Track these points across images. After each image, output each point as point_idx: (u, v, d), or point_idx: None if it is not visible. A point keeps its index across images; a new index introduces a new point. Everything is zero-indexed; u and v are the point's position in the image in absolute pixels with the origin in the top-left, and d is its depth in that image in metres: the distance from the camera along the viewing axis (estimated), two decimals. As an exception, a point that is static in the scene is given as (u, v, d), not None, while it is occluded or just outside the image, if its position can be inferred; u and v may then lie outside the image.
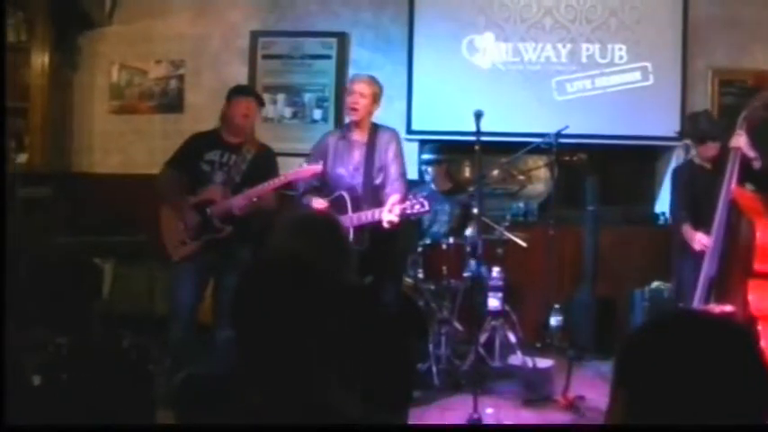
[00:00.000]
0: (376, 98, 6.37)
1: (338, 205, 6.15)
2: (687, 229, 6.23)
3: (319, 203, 6.19)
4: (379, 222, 5.94)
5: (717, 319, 1.81)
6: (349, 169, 6.31)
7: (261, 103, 6.56)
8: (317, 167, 6.09)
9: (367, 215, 6.03)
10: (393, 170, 6.27)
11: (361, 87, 6.34)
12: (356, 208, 6.12)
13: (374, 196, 6.20)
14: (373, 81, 6.42)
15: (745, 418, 1.59)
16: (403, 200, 5.93)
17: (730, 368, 1.60)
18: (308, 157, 6.49)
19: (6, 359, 3.30)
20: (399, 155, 6.37)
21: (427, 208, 5.85)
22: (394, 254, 6.42)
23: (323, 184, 6.36)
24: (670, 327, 1.71)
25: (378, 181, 6.27)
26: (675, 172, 6.89)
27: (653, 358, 1.64)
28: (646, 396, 1.63)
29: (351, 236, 6.00)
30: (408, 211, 5.82)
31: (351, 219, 6.07)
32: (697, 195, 6.19)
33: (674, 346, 1.63)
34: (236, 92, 6.44)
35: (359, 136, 6.37)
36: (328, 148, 6.42)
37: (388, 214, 5.86)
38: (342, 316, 2.31)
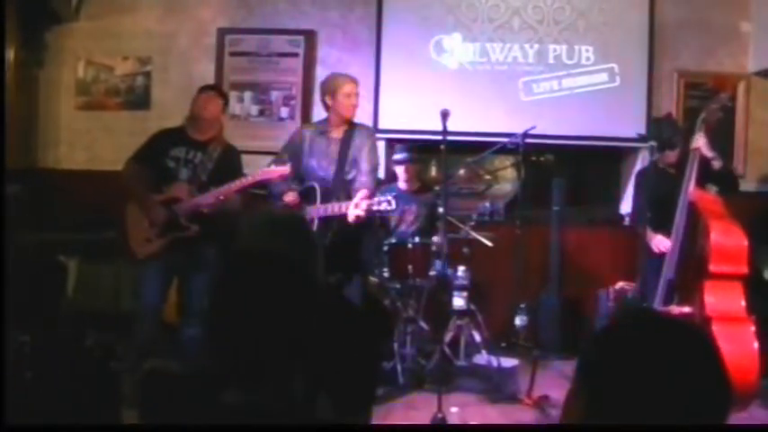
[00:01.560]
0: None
1: (308, 196, 6.20)
2: (648, 232, 6.29)
3: (290, 197, 6.20)
4: (345, 216, 5.95)
5: (676, 320, 1.83)
6: (323, 163, 6.34)
7: (225, 100, 6.54)
8: (285, 169, 6.10)
9: (334, 207, 6.04)
10: (364, 165, 6.29)
11: (358, 88, 6.46)
12: (325, 200, 6.15)
13: (344, 190, 6.23)
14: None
15: (704, 417, 1.61)
16: (371, 196, 5.96)
17: (689, 369, 1.62)
18: (279, 154, 6.52)
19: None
20: (373, 151, 6.41)
21: (393, 206, 5.88)
22: (360, 252, 6.44)
23: (295, 178, 6.37)
24: (631, 327, 1.73)
25: (350, 176, 6.30)
26: (639, 175, 6.94)
27: (614, 358, 1.66)
28: (606, 394, 1.65)
29: (315, 227, 6.04)
30: (375, 208, 5.85)
31: (318, 210, 6.10)
32: (660, 198, 6.23)
33: (634, 346, 1.66)
34: (202, 88, 6.44)
35: (336, 133, 6.40)
36: (304, 142, 6.45)
37: (355, 209, 5.88)
38: (311, 314, 2.32)
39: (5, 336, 3.03)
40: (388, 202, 5.83)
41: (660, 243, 6.11)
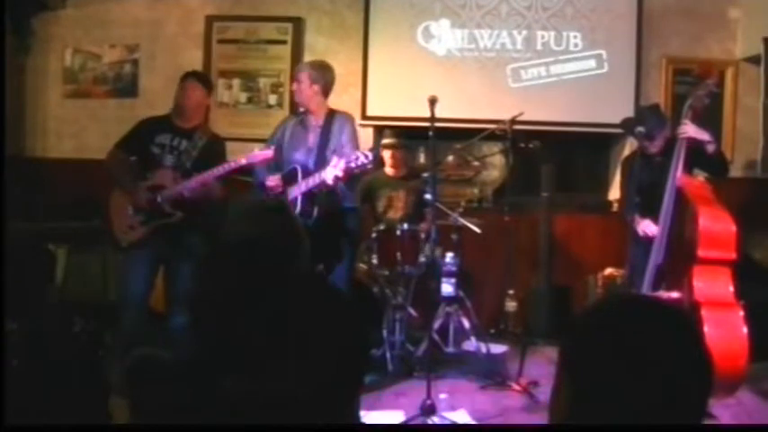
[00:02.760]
0: (315, 81, 6.41)
1: (290, 177, 6.20)
2: (635, 217, 6.29)
3: (272, 181, 6.22)
4: (327, 185, 5.96)
5: (657, 303, 1.83)
6: (304, 151, 6.33)
7: (208, 87, 6.53)
8: (269, 153, 6.13)
9: (314, 178, 6.03)
10: (347, 151, 6.27)
11: (299, 75, 6.46)
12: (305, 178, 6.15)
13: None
14: (312, 67, 6.53)
15: (686, 401, 1.61)
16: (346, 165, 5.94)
17: (670, 352, 1.62)
18: (266, 143, 6.53)
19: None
20: (353, 137, 6.40)
21: (370, 158, 5.84)
22: (344, 238, 6.43)
23: (279, 168, 6.37)
24: (611, 312, 1.73)
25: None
26: (625, 161, 6.94)
27: (595, 343, 1.66)
28: (589, 380, 1.65)
29: (299, 206, 6.07)
30: (352, 165, 5.82)
31: (299, 186, 6.10)
32: (646, 184, 6.23)
33: (615, 330, 1.65)
34: (181, 79, 6.43)
35: (314, 120, 6.40)
36: (285, 133, 6.48)
37: (332, 169, 5.86)
38: (296, 301, 2.32)
39: (5, 332, 3.03)
40: (365, 156, 5.81)
41: (647, 227, 6.11)
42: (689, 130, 5.93)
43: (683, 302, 5.50)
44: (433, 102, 6.00)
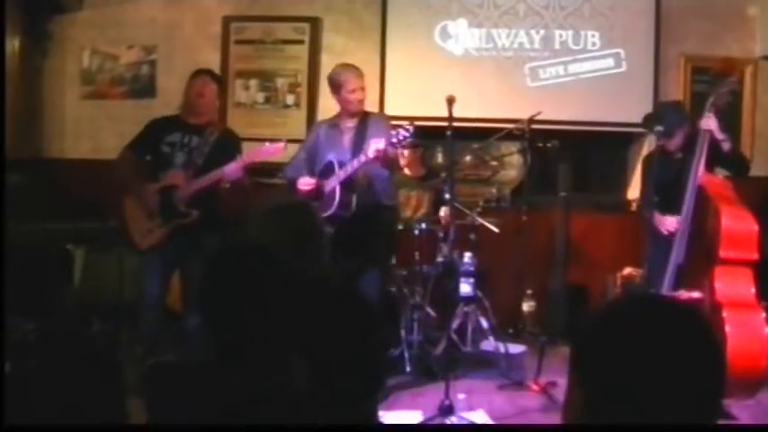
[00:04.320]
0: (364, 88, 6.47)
1: (327, 171, 6.20)
2: (656, 215, 6.25)
3: (305, 183, 6.22)
4: (367, 158, 5.96)
5: (668, 303, 1.81)
6: (340, 153, 6.31)
7: (219, 84, 6.52)
8: (280, 146, 6.14)
9: (353, 164, 6.04)
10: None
11: (363, 81, 6.43)
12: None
13: (363, 171, 6.18)
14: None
15: (699, 402, 1.60)
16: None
17: (682, 352, 1.60)
18: (296, 154, 6.66)
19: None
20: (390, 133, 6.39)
21: (411, 131, 5.87)
22: (381, 237, 6.42)
23: (312, 172, 6.39)
24: (622, 312, 1.72)
25: None
26: (645, 159, 6.90)
27: (607, 343, 1.65)
28: (601, 381, 1.64)
29: (337, 197, 6.09)
30: (393, 140, 5.84)
31: (338, 175, 6.11)
32: (666, 182, 6.20)
33: (626, 330, 1.64)
34: (190, 76, 6.42)
35: (350, 123, 6.40)
36: (319, 138, 6.49)
37: (373, 144, 5.88)
38: (304, 305, 2.31)
39: (5, 335, 3.02)
40: (406, 129, 5.83)
41: (670, 224, 6.04)
42: (711, 123, 5.89)
43: (704, 303, 5.47)
44: (450, 101, 5.99)
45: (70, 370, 3.74)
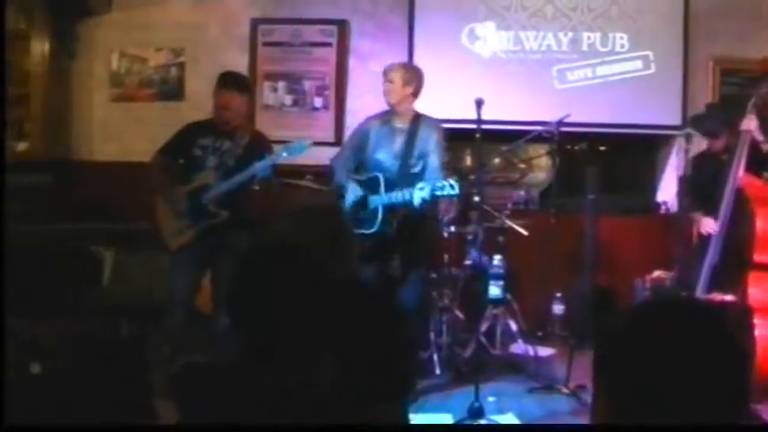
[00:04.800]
0: (407, 83, 6.41)
1: (371, 185, 6.21)
2: (695, 216, 6.21)
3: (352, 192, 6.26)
4: (410, 203, 5.98)
5: (692, 305, 1.81)
6: (389, 156, 6.34)
7: (244, 89, 6.51)
8: (305, 143, 6.17)
9: (398, 194, 6.06)
10: (433, 159, 6.31)
11: (390, 74, 6.42)
12: (389, 190, 6.16)
13: (409, 183, 6.20)
14: (404, 68, 6.54)
15: (722, 404, 1.59)
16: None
17: (706, 354, 1.60)
18: (341, 148, 6.79)
19: (6, 346, 3.30)
20: (440, 145, 6.41)
21: (456, 191, 5.87)
22: (420, 246, 6.42)
23: (360, 167, 6.41)
24: (645, 315, 1.71)
25: (416, 169, 6.30)
26: (693, 159, 6.86)
27: (630, 346, 1.64)
28: (625, 384, 1.63)
29: (380, 216, 6.13)
30: (438, 193, 5.85)
31: (381, 197, 6.11)
32: (706, 182, 6.16)
33: (649, 333, 1.64)
34: (217, 83, 6.43)
35: (400, 123, 6.40)
36: (369, 133, 6.48)
37: (419, 192, 5.89)
38: (334, 305, 2.30)
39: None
40: (451, 186, 5.84)
41: (707, 225, 6.00)
42: (752, 124, 5.84)
43: (737, 305, 5.43)
44: (479, 104, 5.98)
45: (99, 371, 3.76)
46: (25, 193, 7.69)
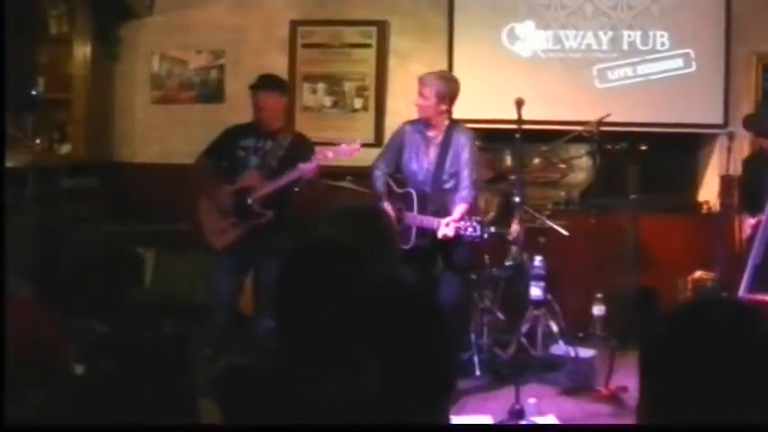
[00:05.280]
0: (442, 99, 6.41)
1: (405, 201, 6.28)
2: (744, 216, 6.17)
3: (389, 208, 6.30)
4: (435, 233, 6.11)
5: (736, 306, 1.80)
6: (422, 168, 6.41)
7: (280, 90, 6.54)
8: (355, 146, 6.21)
9: (427, 221, 6.13)
10: (465, 174, 6.36)
11: (424, 89, 6.43)
12: (422, 207, 6.27)
13: (441, 199, 6.28)
14: (440, 80, 6.51)
15: (765, 405, 1.58)
16: (469, 209, 6.16)
17: (747, 355, 1.59)
18: (382, 151, 6.79)
19: (49, 346, 3.32)
20: (473, 158, 6.46)
21: (478, 233, 5.99)
22: (456, 253, 6.45)
23: (397, 173, 6.46)
24: (689, 316, 1.71)
25: (447, 185, 6.36)
26: (745, 159, 6.81)
27: (674, 346, 1.64)
28: (670, 384, 1.63)
29: (413, 237, 6.29)
30: (461, 232, 6.02)
31: (414, 218, 6.19)
32: (756, 182, 6.11)
33: (692, 333, 1.64)
34: (252, 86, 6.48)
35: (433, 133, 6.43)
36: (404, 139, 6.53)
37: (445, 228, 6.04)
38: (379, 306, 2.30)
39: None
40: (474, 229, 5.93)
41: (748, 225, 5.97)
42: None
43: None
44: (519, 104, 5.99)
45: (141, 371, 3.78)
46: (68, 196, 7.77)
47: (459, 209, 6.15)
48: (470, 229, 5.98)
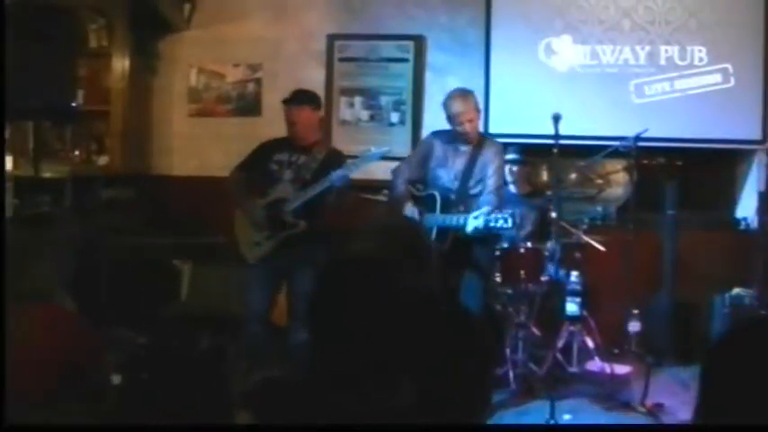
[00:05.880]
0: (479, 116, 6.55)
1: (427, 203, 6.24)
2: None
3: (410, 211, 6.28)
4: (463, 229, 5.97)
5: None
6: (449, 174, 6.39)
7: (313, 104, 6.55)
8: (383, 150, 6.22)
9: (452, 218, 6.09)
10: (491, 183, 6.35)
11: (472, 114, 6.45)
12: (445, 210, 6.20)
13: (466, 204, 6.24)
14: (472, 95, 6.58)
15: None
16: (489, 213, 5.98)
17: None
18: (406, 159, 6.78)
19: (87, 357, 3.35)
20: (500, 170, 6.48)
21: (510, 225, 5.91)
22: (476, 259, 6.43)
23: (420, 181, 6.45)
24: (751, 332, 1.69)
25: (473, 191, 6.34)
26: None
27: (735, 363, 1.63)
28: (722, 402, 1.62)
29: (434, 234, 6.18)
30: (492, 224, 5.88)
31: (436, 218, 6.13)
32: None
33: (754, 350, 1.62)
34: (285, 100, 6.50)
35: (465, 146, 6.43)
36: (433, 149, 6.53)
37: (474, 220, 5.90)
38: (416, 320, 2.30)
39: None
40: (505, 220, 5.86)
41: None
42: None
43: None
44: (557, 119, 5.99)
45: (179, 383, 3.79)
46: (106, 207, 7.82)
47: (483, 209, 6.09)
48: (501, 221, 5.91)
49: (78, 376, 3.26)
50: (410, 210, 6.31)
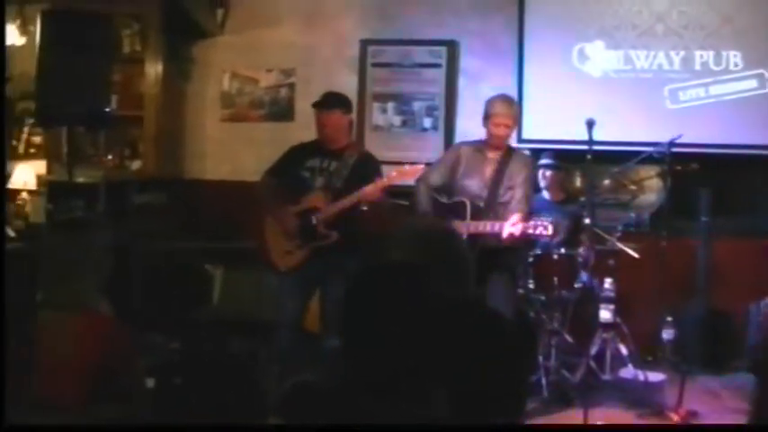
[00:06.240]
0: (516, 123, 6.59)
1: (456, 210, 6.22)
2: None
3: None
4: (498, 235, 5.98)
5: None
6: (478, 182, 6.35)
7: (343, 107, 6.52)
8: (420, 166, 6.19)
9: (485, 225, 6.08)
10: (519, 193, 6.31)
11: (510, 120, 6.42)
12: (475, 217, 6.17)
13: (495, 211, 6.22)
14: (514, 102, 6.61)
15: None
16: (524, 220, 5.98)
17: None
18: (432, 167, 6.66)
19: (123, 361, 3.36)
20: (529, 181, 6.43)
21: (550, 233, 5.89)
22: (506, 264, 6.40)
23: (443, 189, 6.42)
24: None
25: (502, 199, 6.30)
26: None
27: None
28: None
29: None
30: (531, 231, 5.92)
31: (467, 226, 6.11)
32: None
33: None
34: (315, 104, 6.49)
35: (493, 154, 6.40)
36: (461, 158, 6.48)
37: (510, 227, 5.92)
38: (450, 327, 2.29)
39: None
40: (545, 227, 5.85)
41: None
42: None
43: None
44: (590, 124, 5.95)
45: (212, 387, 3.80)
46: (139, 212, 7.86)
47: (514, 218, 6.06)
48: (540, 228, 5.91)
49: (113, 380, 3.27)
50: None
